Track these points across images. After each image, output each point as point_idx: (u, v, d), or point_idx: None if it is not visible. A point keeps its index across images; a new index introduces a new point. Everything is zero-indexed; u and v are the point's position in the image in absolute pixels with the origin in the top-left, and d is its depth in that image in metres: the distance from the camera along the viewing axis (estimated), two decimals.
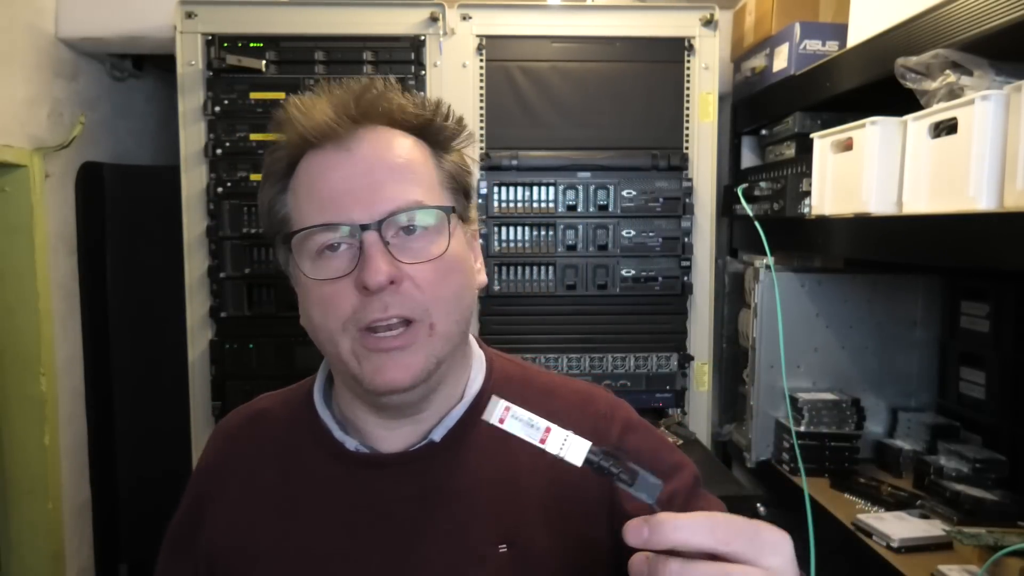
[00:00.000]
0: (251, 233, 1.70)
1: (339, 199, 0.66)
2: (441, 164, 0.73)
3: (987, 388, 1.55)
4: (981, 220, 1.03)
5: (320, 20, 1.69)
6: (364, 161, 0.68)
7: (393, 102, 0.70)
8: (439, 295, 0.67)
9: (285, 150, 0.71)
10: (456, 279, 0.70)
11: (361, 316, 0.65)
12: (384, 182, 0.67)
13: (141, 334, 2.11)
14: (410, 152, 0.70)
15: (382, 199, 0.66)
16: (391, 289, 0.65)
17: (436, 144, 0.73)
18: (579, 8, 1.78)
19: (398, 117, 0.70)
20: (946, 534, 1.25)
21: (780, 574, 0.45)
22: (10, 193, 1.74)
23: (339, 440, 0.74)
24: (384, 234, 0.66)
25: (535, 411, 0.76)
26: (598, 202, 1.73)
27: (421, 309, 0.67)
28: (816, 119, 1.65)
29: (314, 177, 0.69)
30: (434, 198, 0.69)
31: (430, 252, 0.67)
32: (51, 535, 1.85)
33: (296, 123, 0.69)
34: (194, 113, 1.69)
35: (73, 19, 1.84)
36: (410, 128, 0.71)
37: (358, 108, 0.68)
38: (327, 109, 0.68)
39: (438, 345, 0.68)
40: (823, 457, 1.59)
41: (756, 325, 1.71)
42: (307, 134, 0.68)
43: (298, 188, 0.70)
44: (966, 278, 1.64)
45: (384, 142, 0.69)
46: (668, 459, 0.76)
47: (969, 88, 1.10)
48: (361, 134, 0.69)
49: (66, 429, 1.91)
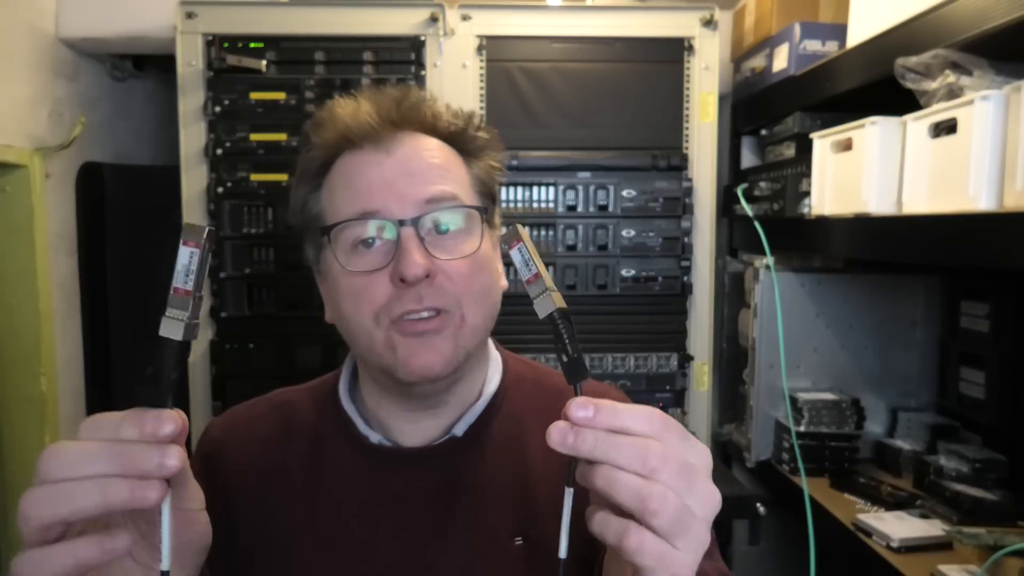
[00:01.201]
0: (251, 233, 1.70)
1: (376, 192, 0.69)
2: (471, 170, 0.76)
3: (987, 388, 1.55)
4: (981, 220, 1.03)
5: (320, 20, 1.69)
6: (401, 161, 0.71)
7: (430, 110, 0.75)
8: (470, 289, 0.71)
9: (321, 149, 0.74)
10: (485, 277, 0.73)
11: (395, 306, 0.68)
12: (420, 180, 0.70)
13: (141, 334, 2.11)
14: (445, 155, 0.74)
15: (418, 192, 0.69)
16: (426, 282, 0.68)
17: (466, 152, 0.77)
18: (579, 8, 1.78)
19: (432, 125, 0.75)
20: (946, 534, 1.25)
21: (698, 472, 0.48)
22: (10, 193, 1.74)
23: (363, 434, 0.77)
24: (419, 230, 0.69)
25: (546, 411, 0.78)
26: (598, 202, 1.73)
27: (453, 301, 0.70)
28: (816, 119, 1.65)
29: (352, 174, 0.72)
30: (467, 198, 0.73)
31: (463, 250, 0.71)
32: None
33: (339, 122, 0.72)
34: (194, 113, 1.69)
35: (73, 19, 1.84)
36: (443, 136, 0.76)
37: (398, 113, 0.73)
38: (371, 110, 0.72)
39: (467, 336, 0.71)
40: (823, 457, 1.59)
41: (756, 325, 1.71)
42: (349, 134, 0.72)
43: (334, 185, 0.73)
44: (966, 278, 1.64)
45: (420, 145, 0.73)
46: None
47: (969, 88, 1.10)
48: (400, 137, 0.72)
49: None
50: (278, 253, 1.70)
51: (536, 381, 0.83)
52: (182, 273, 0.48)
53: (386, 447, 0.76)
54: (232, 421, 0.82)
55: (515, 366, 0.84)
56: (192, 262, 0.47)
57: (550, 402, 0.79)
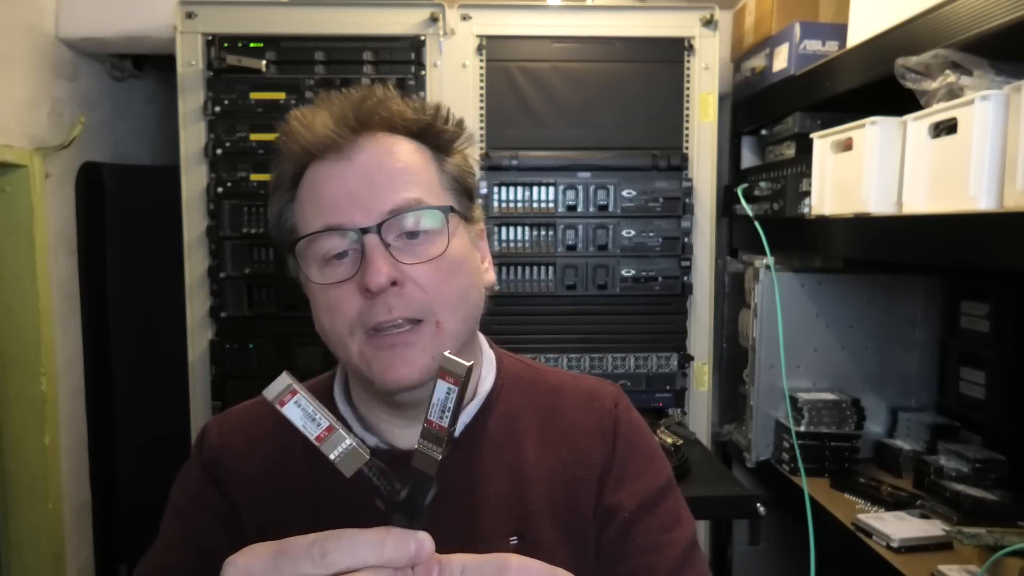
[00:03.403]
0: (251, 233, 1.71)
1: (340, 204, 0.68)
2: (443, 166, 0.74)
3: (987, 388, 1.55)
4: (981, 220, 1.03)
5: (320, 20, 1.69)
6: (364, 167, 0.69)
7: (392, 109, 0.72)
8: (442, 294, 0.69)
9: (290, 162, 0.73)
10: (459, 278, 0.71)
11: (367, 318, 0.67)
12: (383, 186, 0.68)
13: (141, 334, 2.11)
14: (409, 156, 0.71)
15: (381, 202, 0.68)
16: (394, 291, 0.66)
17: (437, 147, 0.75)
18: (579, 8, 1.78)
19: (398, 123, 0.72)
20: (946, 534, 1.25)
21: None
22: (10, 193, 1.74)
23: (359, 437, 0.76)
24: (385, 237, 0.67)
25: (540, 410, 0.79)
26: (598, 202, 1.73)
27: (426, 309, 0.68)
28: (816, 119, 1.65)
29: (317, 186, 0.70)
30: (434, 199, 0.71)
31: (430, 252, 0.69)
32: (51, 535, 1.85)
33: (298, 136, 0.71)
34: (194, 113, 1.69)
35: (73, 19, 1.84)
36: (410, 133, 0.73)
37: (357, 118, 0.70)
38: (327, 121, 0.70)
39: (446, 343, 0.69)
40: (823, 457, 1.59)
41: (756, 325, 1.71)
42: (309, 147, 0.70)
43: (302, 198, 0.72)
44: (966, 278, 1.64)
45: (384, 148, 0.71)
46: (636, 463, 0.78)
47: (969, 88, 1.10)
48: (361, 143, 0.70)
49: (66, 429, 1.91)
50: (278, 253, 1.70)
51: (531, 380, 0.82)
52: (438, 408, 0.46)
53: (381, 450, 0.75)
54: (229, 425, 0.81)
55: (510, 364, 0.83)
56: (449, 399, 0.45)
57: (545, 400, 0.80)
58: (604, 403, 0.79)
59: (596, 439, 0.77)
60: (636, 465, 0.77)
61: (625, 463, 0.76)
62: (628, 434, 0.79)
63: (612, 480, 0.75)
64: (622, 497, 0.75)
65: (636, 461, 0.77)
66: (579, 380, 0.84)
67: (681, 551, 0.73)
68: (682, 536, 0.75)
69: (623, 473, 0.76)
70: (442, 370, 0.45)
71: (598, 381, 0.84)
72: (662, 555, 0.72)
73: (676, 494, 0.79)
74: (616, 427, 0.78)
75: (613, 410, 0.79)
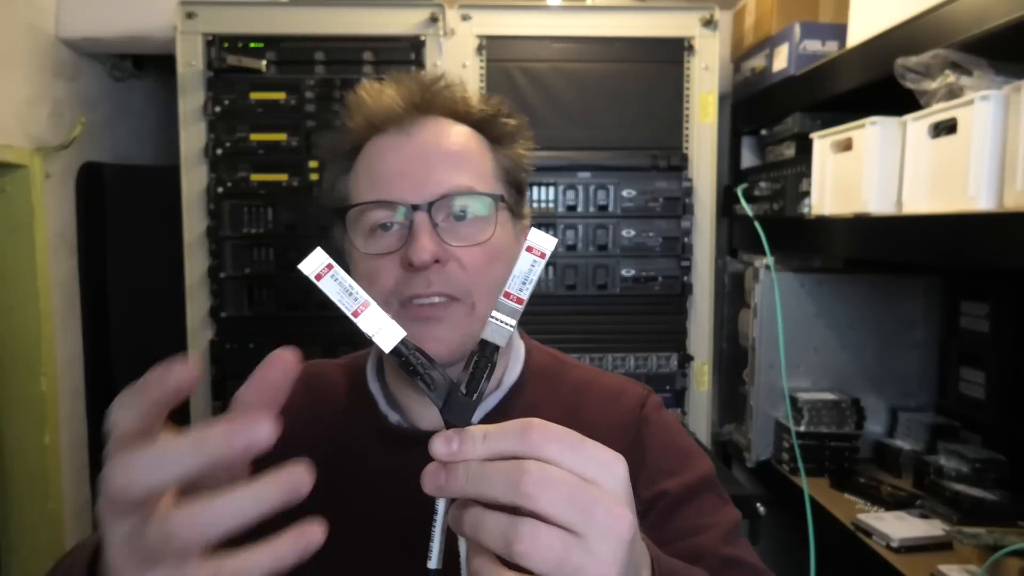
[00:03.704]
0: (251, 233, 1.70)
1: (394, 179, 0.70)
2: (497, 157, 0.76)
3: (987, 388, 1.55)
4: (981, 220, 1.03)
5: (320, 20, 1.69)
6: (422, 146, 0.71)
7: (457, 95, 0.75)
8: (481, 278, 0.70)
9: (352, 133, 0.75)
10: (500, 266, 0.72)
11: (403, 289, 0.69)
12: (437, 167, 0.70)
13: (141, 334, 2.11)
14: (467, 141, 0.74)
15: (434, 182, 0.70)
16: (436, 268, 0.68)
17: (494, 139, 0.77)
18: (579, 8, 1.78)
19: (460, 110, 0.75)
20: (946, 534, 1.25)
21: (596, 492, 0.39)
22: (10, 193, 1.74)
23: (383, 413, 0.78)
24: (434, 216, 0.69)
25: (563, 405, 0.79)
26: (598, 202, 1.73)
27: (463, 289, 0.70)
28: (816, 119, 1.65)
29: (374, 159, 0.73)
30: (485, 187, 0.73)
31: (476, 237, 0.71)
32: (51, 535, 1.85)
33: (364, 107, 0.73)
34: (194, 113, 1.69)
35: (73, 19, 1.84)
36: (471, 122, 0.76)
37: (423, 98, 0.73)
38: (395, 96, 0.73)
39: (477, 326, 0.71)
40: (823, 457, 1.59)
41: (756, 325, 1.71)
42: (373, 118, 0.73)
43: (359, 169, 0.74)
44: (966, 278, 1.64)
45: (443, 131, 0.73)
46: (670, 461, 0.76)
47: (969, 88, 1.10)
48: (423, 122, 0.73)
49: (66, 429, 1.91)
50: (278, 253, 1.70)
51: (558, 374, 0.82)
52: (519, 279, 0.44)
53: (403, 428, 0.76)
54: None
55: (538, 357, 0.83)
56: (532, 272, 0.44)
57: (569, 396, 0.80)
58: (629, 402, 0.79)
59: (616, 437, 0.76)
60: (669, 464, 0.76)
61: (658, 463, 0.76)
62: (658, 434, 0.78)
63: (644, 480, 0.74)
64: (657, 490, 0.73)
65: (669, 460, 0.76)
66: (607, 378, 0.84)
67: (725, 530, 0.72)
68: (726, 518, 0.73)
69: (656, 472, 0.75)
70: (529, 244, 0.44)
71: (627, 381, 0.84)
72: (706, 535, 0.70)
73: (719, 488, 0.77)
74: (641, 427, 0.77)
75: (639, 410, 0.79)
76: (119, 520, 0.38)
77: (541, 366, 0.82)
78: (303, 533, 0.39)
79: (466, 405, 0.44)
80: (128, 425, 0.38)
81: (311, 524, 0.40)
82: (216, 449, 0.37)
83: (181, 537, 0.37)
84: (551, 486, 0.38)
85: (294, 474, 0.38)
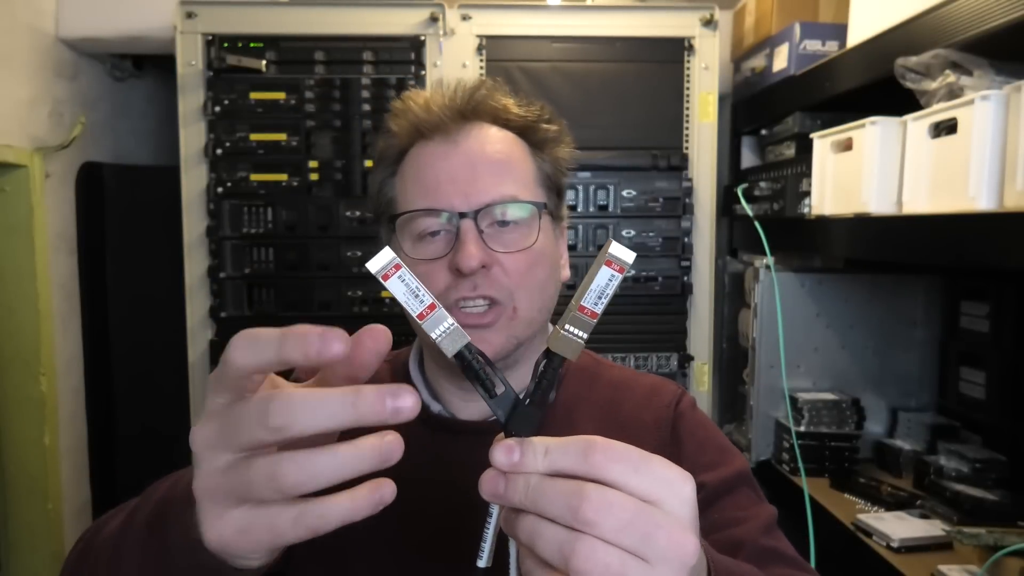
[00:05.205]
0: (251, 233, 1.70)
1: (442, 187, 0.73)
2: (539, 163, 0.79)
3: (987, 388, 1.55)
4: (981, 220, 1.03)
5: (320, 20, 1.69)
6: (467, 154, 0.74)
7: (500, 102, 0.77)
8: (524, 283, 0.74)
9: (397, 138, 0.78)
10: (541, 270, 0.76)
11: (451, 294, 0.72)
12: (483, 175, 0.73)
13: (141, 334, 2.11)
14: (510, 149, 0.77)
15: (480, 191, 0.72)
16: (482, 272, 0.71)
17: (535, 144, 0.80)
18: (579, 8, 1.78)
19: (503, 116, 0.78)
20: (946, 534, 1.25)
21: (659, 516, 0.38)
22: (10, 193, 1.74)
23: (426, 403, 0.80)
24: (480, 223, 0.72)
25: (600, 402, 0.81)
26: (598, 202, 1.73)
27: (506, 292, 0.73)
28: (816, 119, 1.65)
29: (421, 165, 0.75)
30: (528, 194, 0.76)
31: (520, 243, 0.74)
32: (51, 535, 1.85)
33: (412, 114, 0.76)
34: (194, 113, 1.69)
35: (73, 19, 1.84)
36: (513, 127, 0.78)
37: (467, 105, 0.76)
38: (442, 103, 0.75)
39: (519, 328, 0.74)
40: (823, 457, 1.59)
41: (756, 325, 1.71)
42: (420, 125, 0.75)
43: (406, 174, 0.77)
44: (966, 278, 1.64)
45: (487, 139, 0.76)
46: (707, 456, 0.78)
47: (969, 88, 1.10)
48: (467, 129, 0.76)
49: (66, 429, 1.91)
50: (278, 253, 1.70)
51: (594, 373, 0.85)
52: (595, 293, 0.45)
53: (444, 417, 0.79)
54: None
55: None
56: (609, 286, 0.44)
57: (605, 394, 0.82)
58: (663, 399, 0.81)
59: (651, 432, 0.78)
60: (706, 458, 0.77)
61: (695, 457, 0.77)
62: (693, 430, 0.80)
63: None
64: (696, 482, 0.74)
65: (706, 454, 0.78)
66: (643, 377, 0.86)
67: (764, 523, 0.72)
68: (764, 511, 0.74)
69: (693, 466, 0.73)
70: (609, 257, 0.44)
71: (662, 380, 0.86)
72: (744, 526, 0.71)
73: (755, 485, 0.78)
74: (676, 423, 0.79)
75: (673, 406, 0.81)
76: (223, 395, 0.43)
77: (579, 364, 0.84)
78: (378, 486, 0.40)
79: (529, 416, 0.43)
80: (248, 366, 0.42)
81: (384, 480, 0.40)
82: (369, 408, 0.38)
83: (287, 479, 0.38)
84: (611, 513, 0.37)
85: (389, 440, 0.39)
